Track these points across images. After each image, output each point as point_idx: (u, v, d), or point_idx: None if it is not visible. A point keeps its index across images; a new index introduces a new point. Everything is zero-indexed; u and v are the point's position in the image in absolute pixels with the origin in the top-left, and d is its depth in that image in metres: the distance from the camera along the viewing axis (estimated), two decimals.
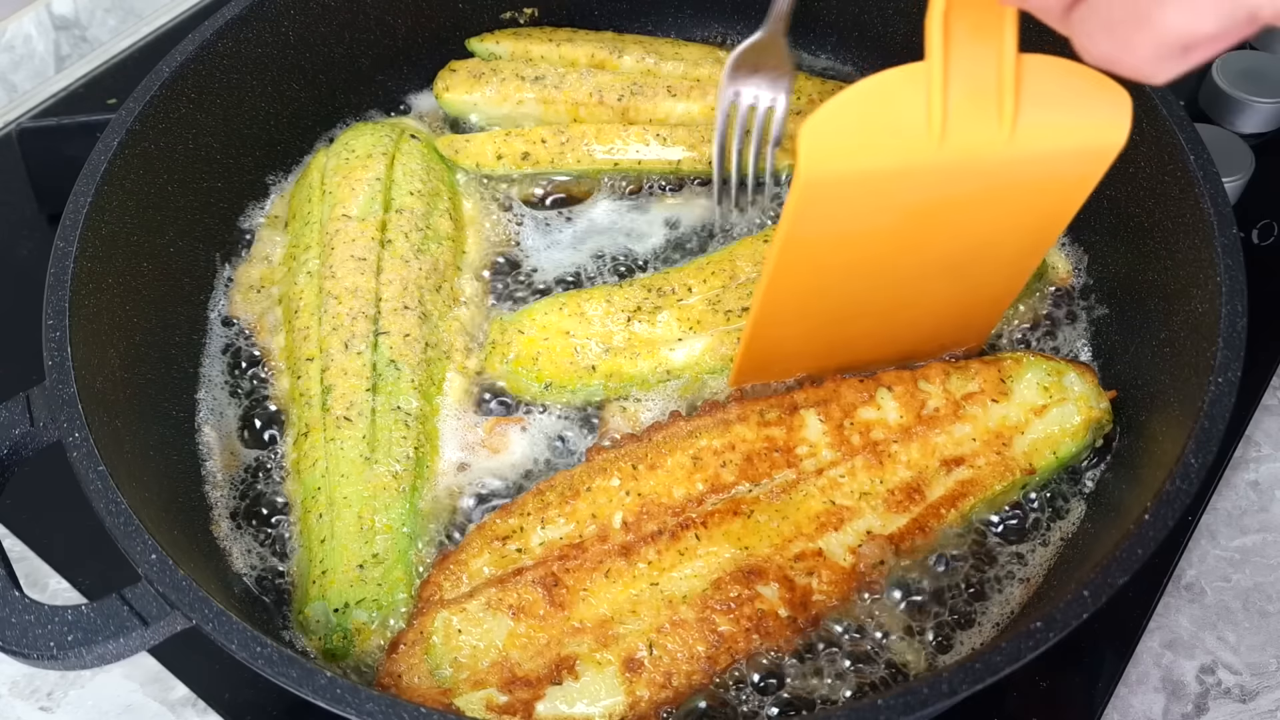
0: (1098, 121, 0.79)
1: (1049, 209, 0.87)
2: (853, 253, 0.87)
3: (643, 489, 0.94)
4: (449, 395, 1.06)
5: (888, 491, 0.94)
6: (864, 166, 0.77)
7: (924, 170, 0.78)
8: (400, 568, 0.94)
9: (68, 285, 0.90)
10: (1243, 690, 0.99)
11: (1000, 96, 0.76)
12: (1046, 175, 0.82)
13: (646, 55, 1.28)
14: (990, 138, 0.77)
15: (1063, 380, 1.00)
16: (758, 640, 0.87)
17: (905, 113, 0.75)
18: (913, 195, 0.81)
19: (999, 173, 0.80)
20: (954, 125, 0.76)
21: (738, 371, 1.02)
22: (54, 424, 0.84)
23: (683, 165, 1.22)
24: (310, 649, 0.92)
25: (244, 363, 1.10)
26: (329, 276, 1.09)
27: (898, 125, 0.76)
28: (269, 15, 1.15)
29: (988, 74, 0.75)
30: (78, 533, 1.04)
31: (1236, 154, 1.28)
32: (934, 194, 0.81)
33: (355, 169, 1.16)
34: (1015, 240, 0.91)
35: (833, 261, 0.88)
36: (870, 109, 0.75)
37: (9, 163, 1.34)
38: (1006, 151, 0.78)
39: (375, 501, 0.96)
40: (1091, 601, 0.75)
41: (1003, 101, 0.76)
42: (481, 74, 1.27)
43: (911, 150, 0.77)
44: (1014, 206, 0.85)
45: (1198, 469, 0.80)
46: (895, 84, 0.75)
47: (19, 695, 0.99)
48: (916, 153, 0.77)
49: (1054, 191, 0.85)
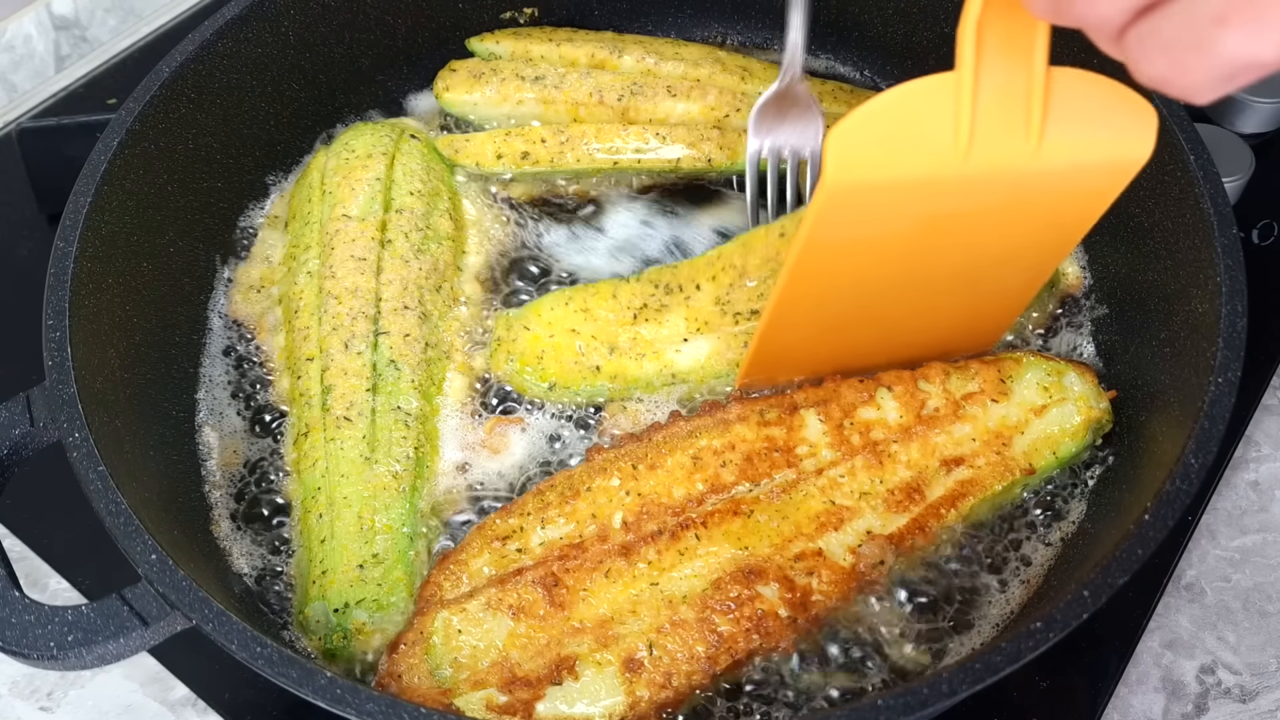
0: (1123, 136, 0.78)
1: (1068, 220, 0.87)
2: (870, 258, 0.87)
3: (643, 489, 0.94)
4: (449, 395, 1.06)
5: (888, 491, 0.94)
6: (889, 176, 0.77)
7: (948, 181, 0.78)
8: (400, 568, 0.94)
9: (68, 285, 0.90)
10: (1243, 690, 0.99)
11: (1029, 109, 0.75)
12: (1069, 187, 0.82)
13: (646, 55, 1.28)
14: (1016, 150, 0.77)
15: (1062, 380, 1.00)
16: (758, 640, 0.87)
17: (932, 123, 0.75)
18: (935, 204, 0.81)
19: (1022, 184, 0.80)
20: (981, 137, 0.76)
21: (745, 372, 1.02)
22: (54, 424, 0.84)
23: (682, 164, 1.22)
24: (310, 649, 0.92)
25: (244, 363, 1.10)
26: (329, 276, 1.09)
27: (924, 136, 0.75)
28: (269, 15, 1.15)
29: (1017, 86, 0.74)
30: (78, 533, 1.04)
31: (1236, 154, 1.28)
32: (956, 204, 0.81)
33: (355, 169, 1.16)
34: (1033, 249, 0.91)
35: (849, 266, 0.87)
36: (898, 118, 0.75)
37: (9, 163, 1.34)
38: (1031, 164, 0.78)
39: (375, 501, 0.96)
40: (1091, 601, 0.75)
41: (1030, 114, 0.75)
42: (481, 74, 1.27)
43: (937, 161, 0.76)
44: (1034, 217, 0.85)
45: (1198, 469, 0.80)
46: (923, 94, 0.74)
47: (19, 695, 0.99)
48: (942, 164, 0.76)
49: (1074, 203, 0.85)
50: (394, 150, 1.18)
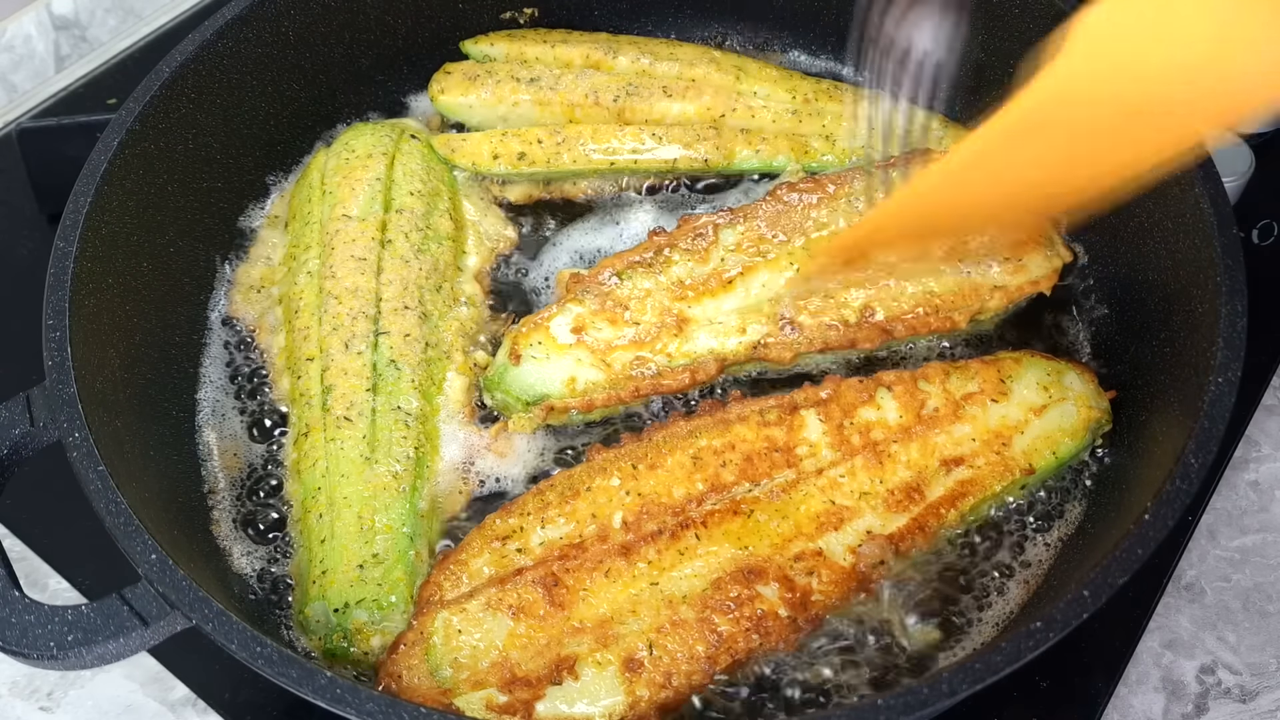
0: None
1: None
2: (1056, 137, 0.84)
3: (643, 489, 0.94)
4: (449, 395, 1.06)
5: (888, 491, 0.94)
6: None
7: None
8: (400, 568, 0.94)
9: (68, 285, 0.90)
10: (1243, 690, 0.99)
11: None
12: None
13: (641, 56, 1.28)
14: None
15: (1062, 380, 1.00)
16: (758, 640, 0.87)
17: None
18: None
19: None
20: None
21: (844, 248, 1.03)
22: (54, 424, 0.84)
23: (679, 164, 1.22)
24: (310, 649, 0.92)
25: (244, 363, 1.10)
26: (329, 276, 1.09)
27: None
28: (269, 15, 1.15)
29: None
30: (78, 533, 1.04)
31: (1236, 154, 1.28)
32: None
33: (355, 169, 1.16)
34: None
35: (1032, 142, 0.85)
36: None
37: (9, 163, 1.34)
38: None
39: (375, 501, 0.96)
40: (1091, 601, 0.75)
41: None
42: (476, 76, 1.27)
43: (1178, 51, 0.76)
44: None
45: (1198, 469, 0.80)
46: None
47: (19, 695, 0.99)
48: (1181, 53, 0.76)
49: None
50: (394, 150, 1.18)
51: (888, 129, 1.09)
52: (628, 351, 1.05)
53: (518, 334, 1.06)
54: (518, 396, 1.04)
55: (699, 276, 1.08)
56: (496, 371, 1.06)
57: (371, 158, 1.16)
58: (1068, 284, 1.12)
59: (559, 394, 1.03)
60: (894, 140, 1.10)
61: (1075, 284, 1.12)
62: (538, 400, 1.03)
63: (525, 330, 1.06)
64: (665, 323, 1.06)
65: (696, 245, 1.10)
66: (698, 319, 1.06)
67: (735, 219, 1.11)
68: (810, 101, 1.25)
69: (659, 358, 1.05)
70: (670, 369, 1.04)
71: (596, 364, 1.04)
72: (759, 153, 1.22)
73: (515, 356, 1.04)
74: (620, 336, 1.05)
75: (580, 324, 1.05)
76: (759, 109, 1.24)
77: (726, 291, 1.07)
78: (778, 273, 1.08)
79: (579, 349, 1.05)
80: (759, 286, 1.08)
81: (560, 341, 1.05)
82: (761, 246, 1.09)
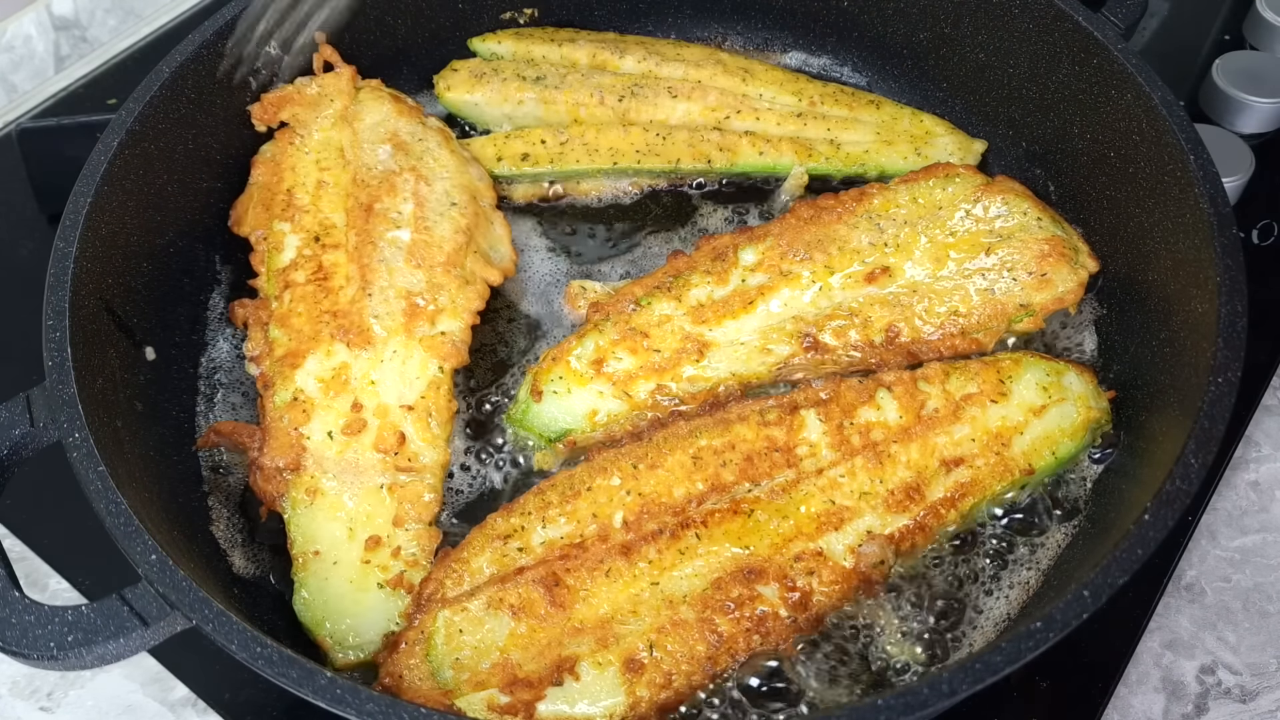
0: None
1: None
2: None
3: (643, 488, 0.94)
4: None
5: (888, 492, 0.94)
6: None
7: None
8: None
9: (68, 285, 0.90)
10: (1243, 690, 0.99)
11: None
12: None
13: (648, 56, 1.28)
14: None
15: (1062, 380, 1.00)
16: (758, 640, 0.87)
17: None
18: None
19: None
20: None
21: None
22: (54, 424, 0.84)
23: (682, 165, 1.22)
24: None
25: (244, 363, 1.10)
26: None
27: None
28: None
29: None
30: (78, 533, 1.04)
31: (1236, 154, 1.29)
32: None
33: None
34: None
35: None
36: None
37: (9, 163, 1.34)
38: None
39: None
40: (1091, 601, 0.74)
41: None
42: (483, 74, 1.27)
43: None
44: None
45: (1198, 469, 0.80)
46: None
47: (19, 695, 0.99)
48: None
49: None
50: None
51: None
52: (649, 380, 1.03)
53: (539, 370, 1.04)
54: (540, 433, 1.02)
55: (719, 298, 1.06)
56: (519, 409, 1.04)
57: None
58: None
59: (581, 428, 1.02)
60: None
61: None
62: (560, 436, 1.02)
63: (545, 366, 1.04)
64: (686, 348, 1.03)
65: (716, 267, 1.08)
66: (719, 342, 1.04)
67: (755, 238, 1.10)
68: (816, 104, 1.25)
69: (681, 385, 1.03)
70: (692, 394, 1.03)
71: (618, 394, 1.02)
72: (763, 155, 1.22)
73: (537, 393, 1.03)
74: (642, 366, 1.03)
75: (601, 355, 1.04)
76: (764, 111, 1.24)
77: (747, 312, 1.05)
78: (799, 290, 1.06)
79: (600, 381, 1.03)
80: (780, 305, 1.06)
81: (581, 375, 1.03)
82: (783, 265, 1.07)
